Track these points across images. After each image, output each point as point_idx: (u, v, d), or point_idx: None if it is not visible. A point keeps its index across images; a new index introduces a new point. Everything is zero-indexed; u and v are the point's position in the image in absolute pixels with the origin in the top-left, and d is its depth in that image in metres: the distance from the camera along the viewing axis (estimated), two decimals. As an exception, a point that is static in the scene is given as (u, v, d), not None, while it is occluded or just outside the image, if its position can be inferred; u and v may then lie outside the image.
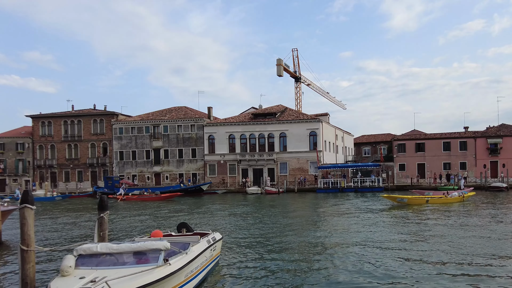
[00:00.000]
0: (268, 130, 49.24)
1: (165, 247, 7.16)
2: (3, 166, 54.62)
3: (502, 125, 51.00)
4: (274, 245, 12.82)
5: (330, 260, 10.52)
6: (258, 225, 18.02)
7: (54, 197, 41.34)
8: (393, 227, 16.30)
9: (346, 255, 11.08)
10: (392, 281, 8.52)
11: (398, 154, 49.94)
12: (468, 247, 11.75)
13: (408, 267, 9.56)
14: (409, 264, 9.86)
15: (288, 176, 47.67)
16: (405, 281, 8.48)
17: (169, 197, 37.59)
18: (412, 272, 9.16)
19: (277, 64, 60.95)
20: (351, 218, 19.80)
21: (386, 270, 9.35)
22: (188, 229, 10.78)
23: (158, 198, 37.44)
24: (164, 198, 37.20)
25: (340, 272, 9.31)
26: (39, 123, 55.10)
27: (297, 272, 9.45)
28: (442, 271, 9.14)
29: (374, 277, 8.83)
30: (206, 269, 9.00)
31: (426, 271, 9.19)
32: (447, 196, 26.72)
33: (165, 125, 52.15)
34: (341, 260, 10.48)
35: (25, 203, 7.00)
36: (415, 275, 8.91)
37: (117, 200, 36.64)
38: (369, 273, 9.15)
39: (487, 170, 45.45)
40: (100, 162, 53.57)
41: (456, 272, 9.06)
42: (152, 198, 37.52)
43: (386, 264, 9.96)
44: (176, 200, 36.36)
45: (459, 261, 10.10)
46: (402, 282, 8.42)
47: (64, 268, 6.49)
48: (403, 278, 8.66)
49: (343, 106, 77.59)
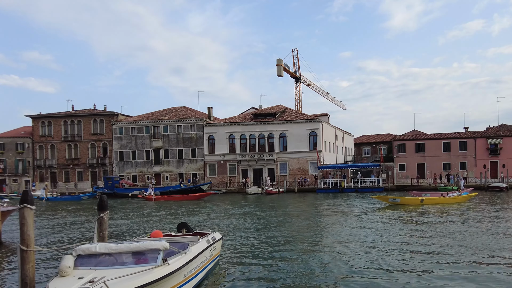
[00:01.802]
0: (268, 130, 49.25)
1: (163, 247, 7.16)
2: (3, 166, 54.65)
3: (502, 125, 51.02)
4: (274, 245, 12.82)
5: (329, 260, 10.53)
6: (258, 225, 18.02)
7: (80, 196, 41.93)
8: (382, 228, 16.29)
9: (345, 255, 11.08)
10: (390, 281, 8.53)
11: (398, 155, 49.95)
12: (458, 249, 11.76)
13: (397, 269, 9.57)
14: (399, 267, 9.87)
15: (288, 176, 47.67)
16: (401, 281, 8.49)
17: (202, 196, 37.58)
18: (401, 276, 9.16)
19: (277, 64, 61.01)
20: (349, 218, 19.80)
21: (384, 271, 9.36)
22: (188, 229, 10.79)
23: (190, 198, 37.26)
24: (196, 198, 37.13)
25: (340, 272, 9.31)
26: (39, 123, 55.13)
27: (297, 272, 9.45)
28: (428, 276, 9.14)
29: (374, 277, 8.84)
30: (205, 269, 8.99)
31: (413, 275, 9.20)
32: (446, 196, 26.50)
33: (165, 125, 52.18)
34: (341, 260, 10.49)
35: (25, 203, 6.98)
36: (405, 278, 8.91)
37: (149, 200, 36.11)
38: (368, 273, 9.16)
39: (487, 171, 45.45)
40: (100, 162, 53.60)
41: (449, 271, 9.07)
42: (184, 198, 37.36)
43: (385, 264, 9.97)
44: (208, 199, 36.31)
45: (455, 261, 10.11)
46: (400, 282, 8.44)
47: (63, 268, 6.49)
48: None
49: (343, 106, 77.68)
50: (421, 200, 25.32)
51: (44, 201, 39.50)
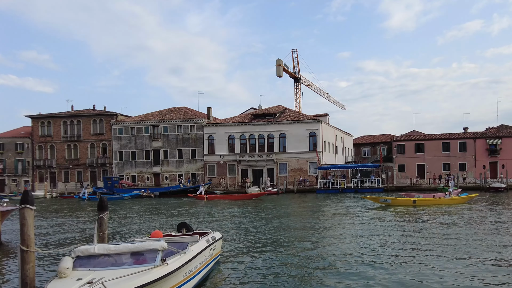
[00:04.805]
0: (267, 130, 49.27)
1: (162, 247, 7.17)
2: (2, 166, 54.63)
3: (502, 126, 51.06)
4: (274, 245, 12.83)
5: (329, 260, 10.54)
6: (258, 225, 18.02)
7: (123, 196, 42.46)
8: (370, 229, 16.31)
9: (343, 255, 11.09)
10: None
11: (397, 155, 49.98)
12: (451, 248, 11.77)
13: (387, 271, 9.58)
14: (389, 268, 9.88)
15: (287, 176, 47.69)
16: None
17: (255, 196, 37.47)
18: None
19: (277, 65, 60.93)
20: (350, 218, 19.82)
21: (382, 272, 9.38)
22: (188, 229, 10.81)
23: (242, 197, 37.12)
24: (250, 197, 37.02)
25: (339, 272, 9.33)
26: (38, 123, 55.11)
27: (297, 271, 9.45)
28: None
29: (373, 277, 8.85)
30: (205, 268, 9.00)
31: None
32: (446, 197, 26.54)
33: (165, 126, 52.18)
34: (341, 260, 10.50)
35: (25, 203, 6.98)
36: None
37: (201, 199, 36.08)
38: (367, 274, 9.17)
39: (486, 171, 45.51)
40: (99, 163, 53.58)
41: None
42: (236, 197, 37.22)
43: (383, 265, 9.99)
44: (262, 199, 36.14)
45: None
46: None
47: (62, 269, 6.49)
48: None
49: (342, 107, 77.59)
50: (414, 201, 25.13)
51: (86, 201, 40.24)
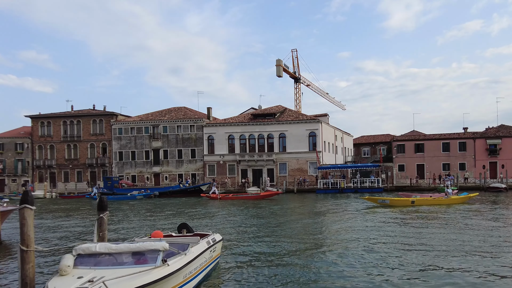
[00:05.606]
0: (267, 130, 49.28)
1: (163, 247, 7.16)
2: (2, 166, 54.62)
3: (501, 126, 51.08)
4: (274, 246, 12.83)
5: (329, 260, 10.54)
6: (258, 225, 18.03)
7: (136, 195, 42.63)
8: (371, 229, 16.32)
9: (343, 255, 11.10)
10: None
11: (397, 155, 50.00)
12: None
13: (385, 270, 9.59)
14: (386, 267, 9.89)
15: (287, 176, 47.70)
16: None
17: (269, 195, 37.35)
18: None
19: (277, 65, 60.99)
20: (349, 219, 19.83)
21: (380, 272, 9.39)
22: (189, 229, 10.80)
23: (255, 197, 36.97)
24: (262, 197, 36.90)
25: (339, 272, 9.33)
26: (38, 123, 55.11)
27: (297, 272, 9.46)
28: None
29: (372, 277, 8.86)
30: (205, 270, 8.99)
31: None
32: (445, 197, 26.50)
33: (165, 126, 52.18)
34: (339, 260, 10.50)
35: (25, 203, 6.98)
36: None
37: (215, 199, 36.18)
38: (367, 274, 9.18)
39: (486, 171, 45.52)
40: (99, 163, 53.58)
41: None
42: (249, 197, 37.07)
43: (382, 266, 9.99)
44: (275, 198, 36.11)
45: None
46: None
47: (63, 267, 6.49)
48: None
49: (342, 107, 77.66)
50: (412, 201, 25.23)
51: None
